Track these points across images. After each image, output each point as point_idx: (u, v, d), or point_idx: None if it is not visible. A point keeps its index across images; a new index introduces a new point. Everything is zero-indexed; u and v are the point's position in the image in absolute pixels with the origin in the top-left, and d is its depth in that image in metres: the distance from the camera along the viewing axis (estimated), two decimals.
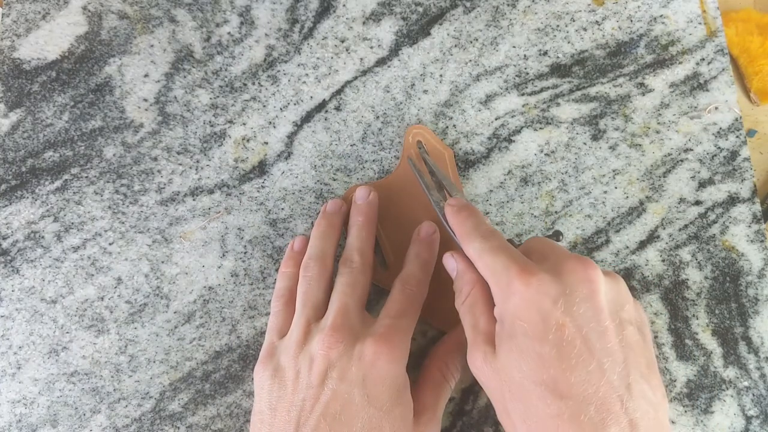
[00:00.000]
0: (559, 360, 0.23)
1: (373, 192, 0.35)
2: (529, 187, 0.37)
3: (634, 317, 0.26)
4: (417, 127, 0.37)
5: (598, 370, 0.23)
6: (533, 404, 0.24)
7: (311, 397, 0.28)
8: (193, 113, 0.38)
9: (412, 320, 0.30)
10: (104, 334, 0.35)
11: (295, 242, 0.35)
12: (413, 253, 0.33)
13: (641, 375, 0.24)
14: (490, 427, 0.35)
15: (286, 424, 0.28)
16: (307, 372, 0.28)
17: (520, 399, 0.24)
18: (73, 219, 0.36)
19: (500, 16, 0.39)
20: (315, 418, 0.27)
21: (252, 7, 0.39)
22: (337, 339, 0.28)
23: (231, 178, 0.37)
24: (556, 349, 0.24)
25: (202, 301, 0.36)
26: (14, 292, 0.35)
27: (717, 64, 0.39)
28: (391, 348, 0.28)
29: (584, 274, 0.25)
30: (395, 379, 0.28)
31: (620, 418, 0.23)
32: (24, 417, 0.34)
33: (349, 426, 0.27)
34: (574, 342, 0.24)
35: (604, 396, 0.23)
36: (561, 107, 0.38)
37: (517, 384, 0.24)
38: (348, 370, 0.28)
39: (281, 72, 0.38)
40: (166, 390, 0.35)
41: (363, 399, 0.27)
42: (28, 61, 0.38)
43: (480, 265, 0.27)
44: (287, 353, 0.30)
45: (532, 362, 0.24)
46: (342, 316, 0.30)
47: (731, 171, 0.38)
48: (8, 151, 0.37)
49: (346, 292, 0.31)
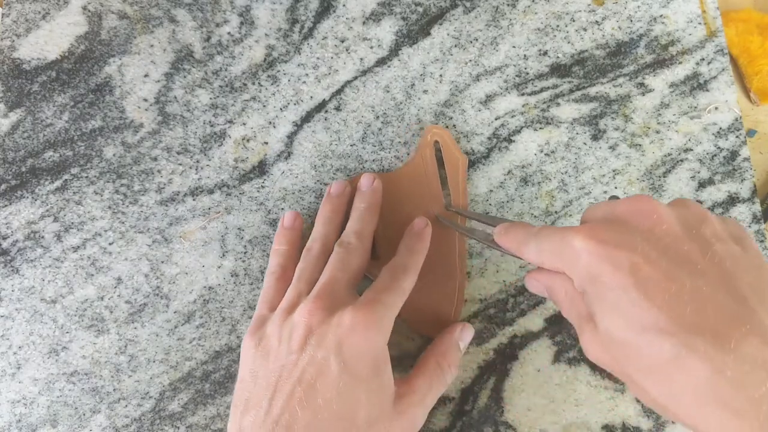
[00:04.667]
0: (649, 300, 0.22)
1: (378, 180, 0.35)
2: (529, 187, 0.37)
3: (720, 231, 0.24)
4: (438, 128, 0.37)
5: (696, 295, 0.21)
6: (648, 356, 0.22)
7: (290, 363, 0.28)
8: (193, 113, 0.38)
9: (396, 300, 0.30)
10: (104, 334, 0.35)
11: (285, 219, 0.35)
12: (404, 244, 0.33)
13: (750, 286, 0.22)
14: (490, 427, 0.35)
15: (264, 391, 0.28)
16: (288, 339, 0.29)
17: (634, 358, 0.23)
18: (73, 219, 0.36)
19: (500, 16, 0.39)
20: (291, 383, 0.27)
21: (252, 7, 0.39)
22: (318, 306, 0.28)
23: (231, 178, 0.37)
24: (641, 291, 0.22)
25: (202, 301, 0.36)
26: (14, 292, 0.35)
27: (717, 64, 0.39)
28: (370, 319, 0.28)
29: (638, 207, 0.24)
30: (373, 350, 0.28)
31: (745, 337, 0.20)
32: (24, 417, 0.34)
33: (324, 393, 0.27)
34: (655, 277, 0.22)
35: (715, 321, 0.21)
36: (561, 107, 0.38)
37: (625, 344, 0.23)
38: (326, 337, 0.28)
39: (281, 72, 0.38)
40: (166, 390, 0.35)
41: (339, 366, 0.27)
42: (28, 61, 0.38)
43: (544, 259, 0.26)
44: (273, 322, 0.30)
45: (625, 314, 0.22)
46: (328, 286, 0.30)
47: (731, 171, 0.38)
48: (8, 151, 0.37)
49: (336, 267, 0.31)
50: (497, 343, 0.36)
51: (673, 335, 0.21)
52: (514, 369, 0.35)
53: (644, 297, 0.22)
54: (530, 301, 0.36)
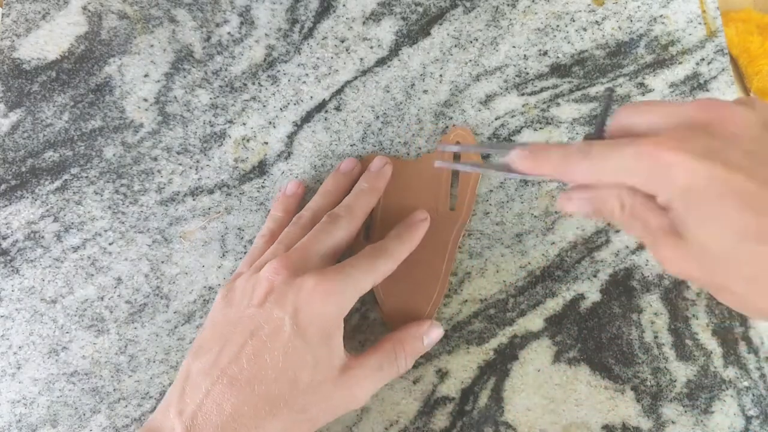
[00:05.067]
0: (748, 208, 0.21)
1: (388, 164, 0.35)
2: (529, 187, 0.37)
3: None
4: (463, 130, 0.37)
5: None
6: (751, 265, 0.22)
7: (246, 317, 0.28)
8: (193, 113, 0.38)
9: (366, 278, 0.30)
10: (104, 334, 0.35)
11: (288, 186, 0.36)
12: (396, 231, 0.33)
13: None
14: (490, 427, 0.35)
15: (219, 339, 0.29)
16: (250, 293, 0.29)
17: (734, 268, 0.23)
18: (73, 219, 0.36)
19: (500, 16, 0.39)
20: (243, 336, 0.28)
21: (252, 7, 0.39)
22: (284, 265, 0.29)
23: (231, 178, 0.37)
24: (739, 200, 0.22)
25: (202, 301, 0.36)
26: (14, 292, 0.35)
27: (717, 64, 0.39)
28: (332, 288, 0.28)
29: (720, 114, 0.23)
30: (327, 319, 0.28)
31: None
32: (24, 417, 0.34)
33: (272, 351, 0.27)
34: (752, 185, 0.22)
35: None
36: (561, 107, 0.38)
37: (722, 255, 0.22)
38: (286, 297, 0.28)
39: (281, 72, 0.38)
40: (166, 390, 0.35)
41: (292, 329, 0.28)
42: (28, 61, 0.38)
43: (607, 176, 0.25)
44: (243, 277, 0.31)
45: (724, 224, 0.22)
46: (302, 251, 0.30)
47: None
48: (8, 151, 0.37)
49: (316, 235, 0.31)
50: (497, 343, 0.36)
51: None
52: (514, 369, 0.35)
53: (744, 206, 0.22)
54: (530, 301, 0.36)
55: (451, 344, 0.35)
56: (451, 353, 0.35)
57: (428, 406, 0.35)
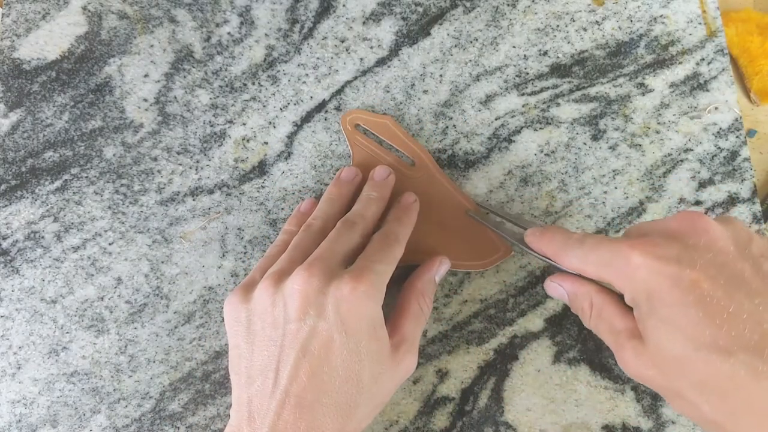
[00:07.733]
0: (708, 317, 0.22)
1: (392, 174, 0.36)
2: (529, 187, 0.37)
3: (765, 250, 0.25)
4: (349, 113, 0.37)
5: (753, 314, 0.22)
6: (704, 373, 0.22)
7: (290, 333, 0.28)
8: (193, 113, 0.38)
9: (388, 269, 0.30)
10: (104, 334, 0.35)
11: (303, 204, 0.36)
12: (393, 215, 0.34)
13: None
14: (490, 427, 0.35)
15: (268, 360, 0.28)
16: (283, 306, 0.28)
17: (687, 374, 0.23)
18: (73, 219, 0.36)
19: (500, 16, 0.39)
20: (294, 354, 0.27)
21: (252, 7, 0.39)
22: (312, 273, 0.28)
23: (231, 178, 0.37)
24: (700, 308, 0.22)
25: (202, 301, 0.36)
26: (14, 292, 0.35)
27: (717, 64, 0.39)
28: (367, 284, 0.28)
29: (695, 225, 0.24)
30: (371, 315, 0.28)
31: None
32: (24, 417, 0.34)
33: (329, 361, 0.27)
34: (714, 294, 0.22)
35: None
36: (561, 107, 0.38)
37: (677, 360, 0.23)
38: (326, 306, 0.28)
39: (281, 72, 0.38)
40: (166, 390, 0.35)
41: (341, 336, 0.27)
42: (28, 61, 0.38)
43: (589, 267, 0.27)
44: (263, 286, 0.29)
45: (682, 330, 0.23)
46: (325, 258, 0.30)
47: (731, 171, 0.38)
48: (8, 151, 0.37)
49: (333, 240, 0.31)
50: (497, 343, 0.36)
51: (732, 354, 0.22)
52: (514, 369, 0.35)
53: (704, 314, 0.22)
54: (530, 301, 0.36)
55: (451, 344, 0.35)
56: (451, 353, 0.35)
57: (428, 406, 0.35)
